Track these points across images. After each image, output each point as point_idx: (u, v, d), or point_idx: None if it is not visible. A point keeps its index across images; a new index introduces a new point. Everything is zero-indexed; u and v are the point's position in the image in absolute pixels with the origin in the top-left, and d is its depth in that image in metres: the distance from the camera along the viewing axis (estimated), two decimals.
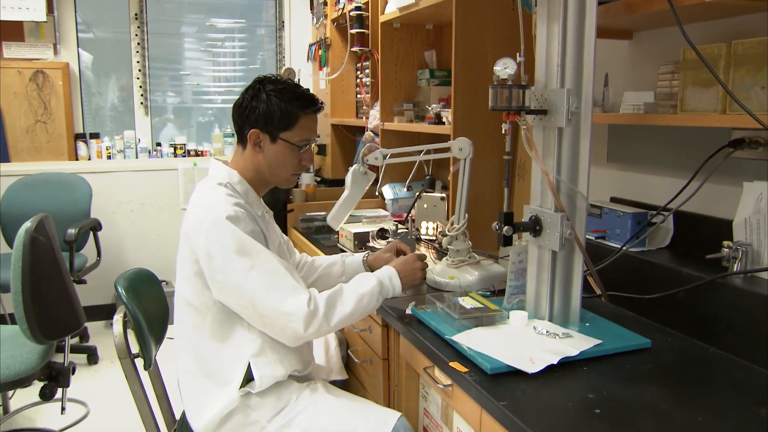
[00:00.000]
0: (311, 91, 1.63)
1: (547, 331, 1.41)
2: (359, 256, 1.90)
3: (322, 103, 1.63)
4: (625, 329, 1.45)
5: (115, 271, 1.99)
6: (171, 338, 1.63)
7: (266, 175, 1.62)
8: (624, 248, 1.65)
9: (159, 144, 4.35)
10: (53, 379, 2.27)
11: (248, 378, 1.52)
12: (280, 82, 1.59)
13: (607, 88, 1.78)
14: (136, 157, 4.23)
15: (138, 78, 4.27)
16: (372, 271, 1.77)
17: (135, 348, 1.60)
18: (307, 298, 1.44)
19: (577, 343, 1.34)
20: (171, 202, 4.22)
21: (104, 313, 4.06)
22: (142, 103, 4.30)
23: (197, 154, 4.37)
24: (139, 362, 1.61)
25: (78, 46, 4.11)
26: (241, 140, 1.61)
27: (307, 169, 1.78)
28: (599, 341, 1.36)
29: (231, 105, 1.64)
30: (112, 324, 1.60)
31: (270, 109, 1.55)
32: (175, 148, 4.31)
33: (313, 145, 1.65)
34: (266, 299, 1.44)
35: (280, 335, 1.49)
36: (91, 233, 3.60)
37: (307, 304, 1.44)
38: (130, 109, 4.34)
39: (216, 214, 1.45)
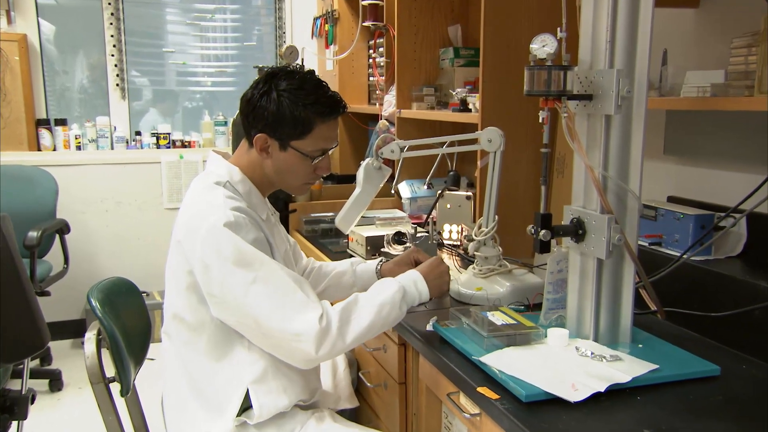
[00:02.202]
0: (319, 77, 1.60)
1: (591, 353, 1.41)
2: (372, 264, 1.91)
3: (345, 105, 1.61)
4: (687, 352, 1.45)
5: (84, 281, 2.01)
6: (152, 359, 1.64)
7: (274, 181, 1.64)
8: (685, 256, 1.65)
9: (139, 133, 4.40)
10: (7, 410, 2.25)
11: (246, 405, 1.53)
12: (297, 78, 1.56)
13: (665, 68, 1.77)
14: (112, 148, 4.28)
15: (113, 55, 4.32)
16: None
17: (110, 371, 1.61)
18: (318, 315, 1.44)
19: (628, 368, 1.34)
20: (153, 200, 4.26)
21: (71, 330, 4.10)
22: (117, 84, 4.35)
23: (184, 145, 4.41)
24: (115, 388, 1.62)
25: (37, 15, 4.11)
26: (248, 138, 1.61)
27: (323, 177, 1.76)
28: (655, 366, 1.35)
29: (221, 88, 1.65)
30: (82, 343, 1.61)
31: (280, 113, 1.54)
32: (157, 138, 4.36)
33: (331, 151, 1.64)
34: (271, 317, 1.44)
35: (289, 358, 1.50)
36: (57, 237, 3.63)
37: (319, 320, 1.43)
38: (103, 91, 4.39)
39: (213, 220, 1.46)
